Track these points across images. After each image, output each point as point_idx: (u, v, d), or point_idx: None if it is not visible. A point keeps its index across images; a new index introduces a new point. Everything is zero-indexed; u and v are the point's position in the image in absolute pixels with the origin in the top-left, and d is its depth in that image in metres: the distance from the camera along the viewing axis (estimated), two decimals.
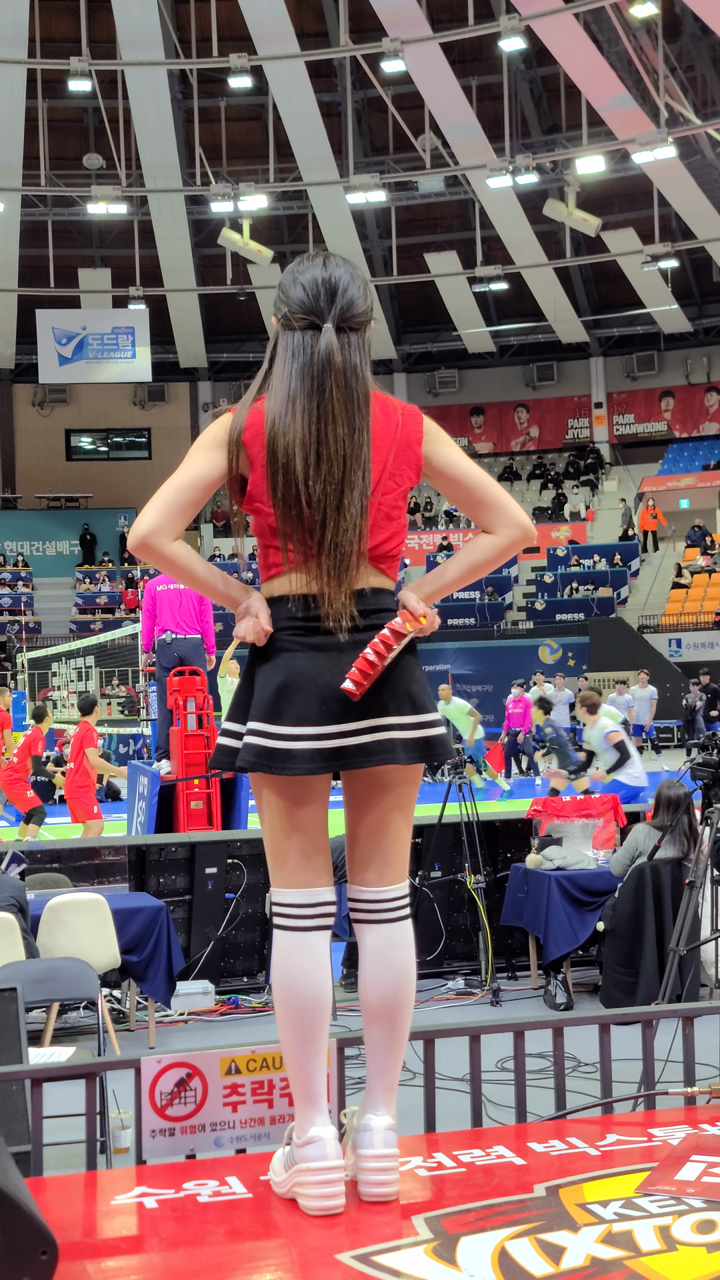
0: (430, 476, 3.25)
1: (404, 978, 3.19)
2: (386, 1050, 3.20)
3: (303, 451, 3.05)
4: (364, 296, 3.18)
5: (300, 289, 3.14)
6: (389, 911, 3.21)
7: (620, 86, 31.32)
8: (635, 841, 7.93)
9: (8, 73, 31.87)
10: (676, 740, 28.09)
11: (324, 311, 3.12)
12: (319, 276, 3.14)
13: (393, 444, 3.16)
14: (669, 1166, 3.22)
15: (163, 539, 3.09)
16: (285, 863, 3.17)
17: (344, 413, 3.08)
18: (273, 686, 3.08)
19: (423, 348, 41.91)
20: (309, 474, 3.04)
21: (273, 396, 3.12)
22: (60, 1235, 2.74)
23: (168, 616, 10.67)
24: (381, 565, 3.16)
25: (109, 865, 9.08)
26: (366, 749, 3.07)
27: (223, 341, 41.21)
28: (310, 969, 3.13)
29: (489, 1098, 4.31)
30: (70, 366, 38.06)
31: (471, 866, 8.60)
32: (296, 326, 3.13)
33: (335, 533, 3.04)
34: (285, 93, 33.49)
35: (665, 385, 40.89)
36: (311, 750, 3.05)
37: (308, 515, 3.05)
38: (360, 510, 3.07)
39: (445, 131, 33.67)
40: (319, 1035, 3.14)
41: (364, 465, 3.08)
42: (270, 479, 3.07)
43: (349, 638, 3.08)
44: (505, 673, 28.18)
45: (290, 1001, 3.13)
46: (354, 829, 3.23)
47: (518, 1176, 3.25)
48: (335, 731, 3.05)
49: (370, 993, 3.19)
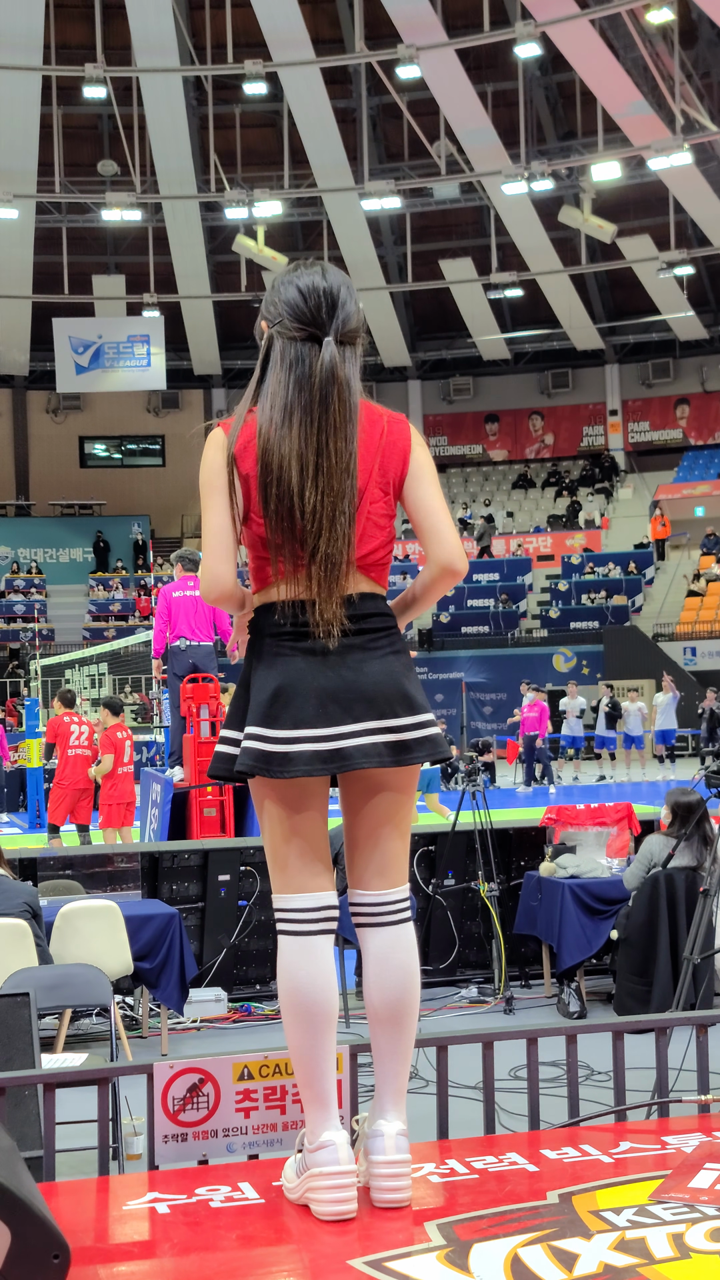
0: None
1: (408, 980, 3.19)
2: (394, 1054, 3.19)
3: (299, 464, 3.06)
4: (358, 312, 3.19)
5: (300, 297, 3.13)
6: (390, 914, 3.21)
7: (636, 93, 31.31)
8: (649, 852, 7.90)
9: (23, 79, 31.96)
10: (691, 748, 28.02)
11: (325, 324, 3.12)
12: (320, 286, 3.14)
13: (378, 452, 3.17)
14: (682, 1174, 3.21)
15: (236, 586, 3.19)
16: (286, 868, 3.18)
17: (344, 425, 3.10)
18: (268, 691, 3.10)
19: (437, 355, 41.90)
20: (304, 485, 3.06)
21: (268, 407, 3.12)
22: (72, 1240, 2.74)
23: (182, 623, 10.69)
24: (371, 573, 3.18)
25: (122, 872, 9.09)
26: (363, 750, 3.07)
27: (237, 348, 41.24)
28: (315, 973, 3.13)
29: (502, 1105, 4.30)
30: (87, 375, 38.12)
31: (485, 874, 8.58)
32: (296, 336, 3.13)
33: (328, 543, 3.07)
34: (300, 99, 33.54)
35: (681, 392, 40.83)
36: (309, 753, 3.05)
37: (299, 526, 3.07)
38: (350, 520, 3.09)
39: (460, 138, 33.69)
40: (327, 1039, 3.14)
41: (354, 475, 3.11)
42: (262, 490, 3.09)
43: (340, 643, 3.10)
44: (519, 680, 28.16)
45: (297, 1006, 3.13)
46: (353, 833, 3.23)
47: (531, 1183, 3.25)
48: (332, 734, 3.06)
49: (375, 996, 3.19)
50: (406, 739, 3.10)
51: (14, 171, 33.00)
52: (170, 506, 41.74)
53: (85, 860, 9.21)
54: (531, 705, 24.66)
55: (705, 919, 6.45)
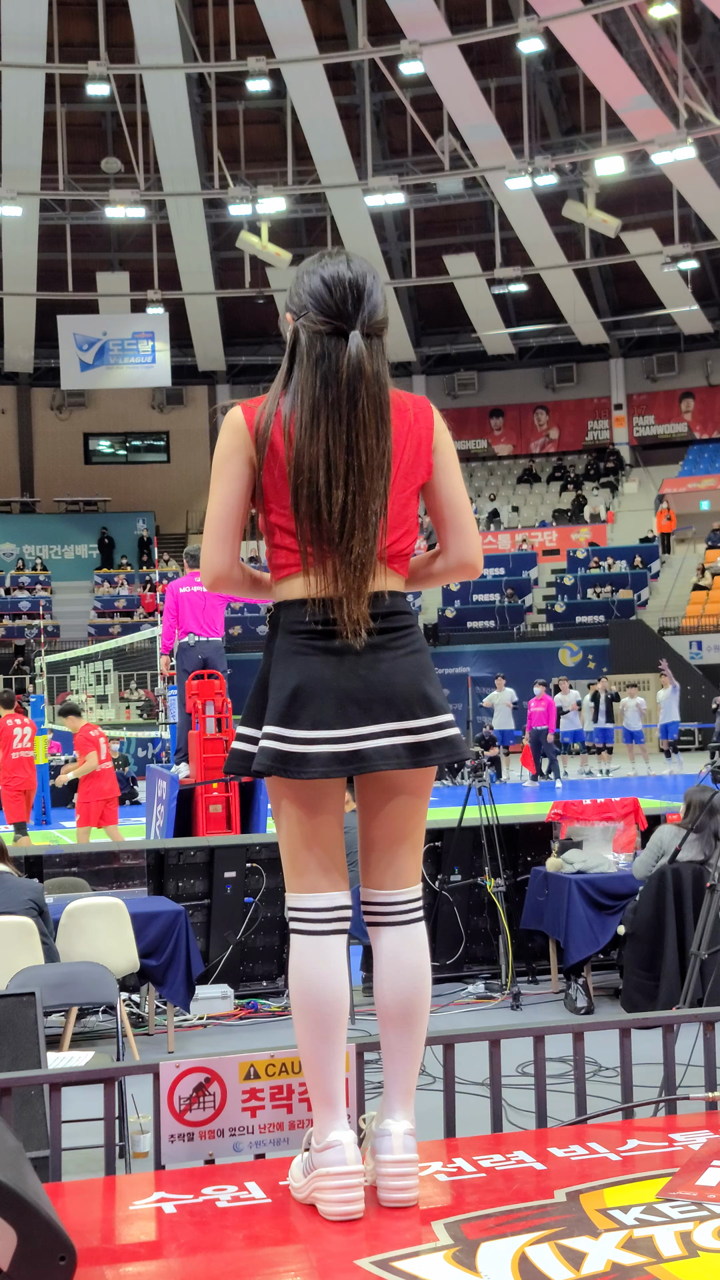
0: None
1: (419, 980, 3.17)
2: (404, 1054, 3.18)
3: (327, 461, 2.99)
4: (384, 302, 3.11)
5: (325, 288, 3.03)
6: (403, 914, 3.19)
7: (639, 87, 31.28)
8: (660, 841, 7.88)
9: (26, 77, 31.97)
10: (698, 742, 28.01)
11: (351, 316, 3.03)
12: (345, 277, 3.04)
13: (405, 446, 3.10)
14: (690, 1172, 3.20)
15: (232, 572, 3.16)
16: (300, 868, 3.16)
17: (374, 422, 3.02)
18: (288, 690, 3.06)
19: (442, 350, 41.90)
20: (333, 483, 2.98)
21: (295, 403, 3.04)
22: (79, 1240, 2.73)
23: (190, 619, 10.67)
24: (395, 565, 3.12)
25: (128, 869, 9.10)
26: (381, 752, 3.04)
27: (241, 344, 41.25)
28: (327, 973, 3.12)
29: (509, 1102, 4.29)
30: (91, 372, 38.15)
31: (491, 870, 8.58)
32: (321, 329, 3.04)
33: (360, 544, 3.00)
34: (303, 95, 33.52)
35: (685, 386, 40.81)
36: (327, 754, 3.02)
37: (327, 525, 3.00)
38: (381, 519, 3.03)
39: (464, 133, 33.66)
40: (337, 1039, 3.12)
41: (387, 474, 3.04)
42: (293, 487, 3.02)
43: (365, 641, 3.05)
44: (525, 675, 28.14)
45: (308, 1006, 3.11)
46: (368, 833, 3.21)
47: (538, 1182, 3.23)
48: (350, 735, 3.03)
49: (386, 995, 3.17)
50: (425, 740, 3.07)
51: (18, 169, 33.02)
52: (175, 502, 41.77)
53: (91, 857, 9.21)
54: (538, 700, 24.66)
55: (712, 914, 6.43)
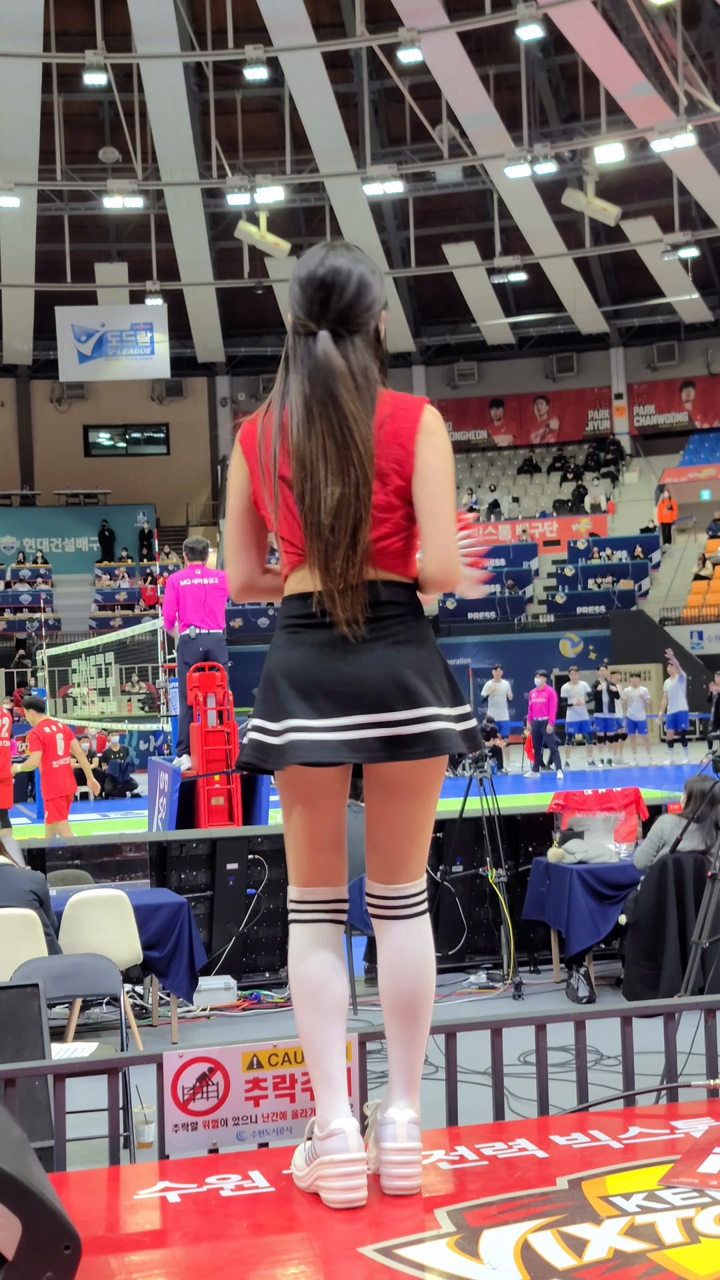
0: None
1: (423, 972, 3.19)
2: (407, 1045, 3.19)
3: (312, 457, 3.00)
4: (366, 291, 3.06)
5: (299, 288, 3.08)
6: (405, 908, 3.20)
7: (639, 74, 31.19)
8: (660, 831, 7.90)
9: (23, 67, 31.90)
10: (700, 732, 28.01)
11: (319, 316, 3.05)
12: (316, 275, 3.05)
13: (381, 441, 3.07)
14: (692, 1159, 3.22)
15: (255, 580, 3.24)
16: (301, 860, 3.19)
17: (349, 421, 3.01)
18: (271, 683, 3.08)
19: (441, 340, 41.84)
20: (318, 478, 3.00)
21: (287, 407, 3.07)
22: (83, 1230, 2.75)
23: (191, 612, 10.67)
24: (386, 559, 3.08)
25: (130, 861, 9.12)
26: (353, 745, 3.02)
27: (240, 335, 41.21)
28: (326, 961, 3.14)
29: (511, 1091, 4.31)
30: (90, 364, 38.11)
31: (493, 861, 8.59)
32: (300, 331, 3.08)
33: (342, 535, 2.99)
34: (301, 84, 33.45)
35: (686, 375, 40.75)
36: (300, 743, 3.01)
37: (313, 518, 3.01)
38: (361, 513, 3.00)
39: (463, 121, 33.59)
40: (337, 1028, 3.14)
41: (367, 471, 3.02)
42: (268, 487, 3.06)
43: (356, 632, 3.04)
44: (526, 666, 28.13)
45: (307, 994, 3.13)
46: (372, 824, 3.22)
47: (540, 1169, 3.25)
48: (323, 726, 3.01)
49: (390, 988, 3.19)
50: (403, 734, 3.02)
51: (15, 159, 32.95)
52: (175, 495, 41.75)
53: (94, 850, 9.23)
54: (539, 691, 24.67)
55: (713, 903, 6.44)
